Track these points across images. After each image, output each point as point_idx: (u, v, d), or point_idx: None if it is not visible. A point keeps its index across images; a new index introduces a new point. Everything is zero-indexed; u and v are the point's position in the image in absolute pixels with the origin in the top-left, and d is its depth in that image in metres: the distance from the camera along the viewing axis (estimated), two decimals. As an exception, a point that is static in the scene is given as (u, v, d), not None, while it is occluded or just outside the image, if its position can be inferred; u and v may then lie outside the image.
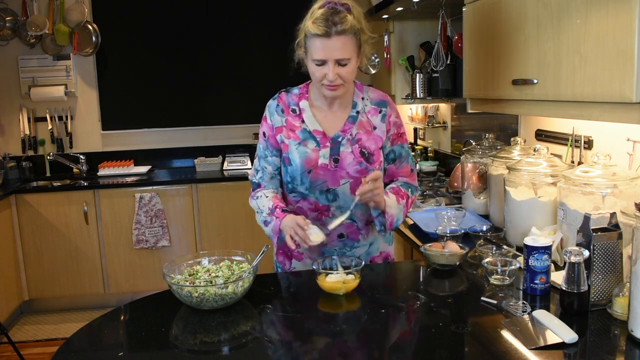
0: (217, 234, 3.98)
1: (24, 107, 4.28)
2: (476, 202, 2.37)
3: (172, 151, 4.52)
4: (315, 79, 1.64)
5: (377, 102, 1.75)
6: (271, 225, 1.69)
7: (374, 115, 1.73)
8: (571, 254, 1.29)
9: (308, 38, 1.59)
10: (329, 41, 1.56)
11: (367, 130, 1.70)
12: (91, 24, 4.19)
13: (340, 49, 1.56)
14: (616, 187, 1.51)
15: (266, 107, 1.81)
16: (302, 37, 1.63)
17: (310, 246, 1.63)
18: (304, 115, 1.72)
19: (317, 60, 1.58)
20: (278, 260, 1.85)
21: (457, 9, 2.37)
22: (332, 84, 1.60)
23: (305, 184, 1.69)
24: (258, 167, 1.81)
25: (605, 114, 1.43)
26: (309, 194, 1.70)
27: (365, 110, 1.73)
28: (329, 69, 1.58)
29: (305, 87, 1.77)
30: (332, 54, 1.57)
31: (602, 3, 1.38)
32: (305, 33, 1.61)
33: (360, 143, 1.69)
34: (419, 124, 3.89)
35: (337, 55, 1.57)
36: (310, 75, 1.66)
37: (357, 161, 1.67)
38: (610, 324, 1.28)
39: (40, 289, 3.86)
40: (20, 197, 3.77)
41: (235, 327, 1.34)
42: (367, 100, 1.74)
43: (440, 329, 1.30)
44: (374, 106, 1.74)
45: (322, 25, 1.55)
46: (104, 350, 1.30)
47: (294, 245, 1.59)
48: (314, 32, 1.56)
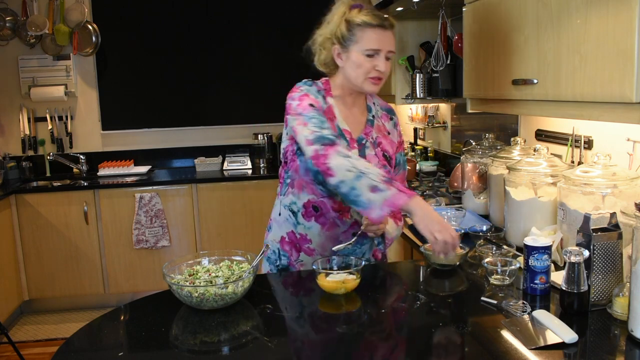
0: (217, 234, 3.98)
1: (24, 107, 4.28)
2: (476, 202, 2.37)
3: (172, 151, 4.52)
4: (360, 72, 1.60)
5: (386, 109, 1.80)
6: (384, 193, 1.40)
7: (386, 121, 1.77)
8: (571, 254, 1.29)
9: (358, 29, 1.58)
10: (384, 32, 1.59)
11: (384, 135, 1.74)
12: (91, 24, 4.19)
13: (392, 41, 1.62)
14: (616, 187, 1.51)
15: (298, 88, 1.65)
16: (342, 31, 1.60)
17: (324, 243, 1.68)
18: (335, 111, 1.67)
19: (371, 50, 1.58)
20: (283, 249, 1.74)
21: (457, 9, 2.37)
22: (379, 77, 1.61)
23: None
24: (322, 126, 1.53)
25: (605, 114, 1.43)
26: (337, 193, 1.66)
27: (378, 115, 1.76)
28: (381, 60, 1.59)
29: (326, 83, 1.71)
30: (386, 45, 1.60)
31: (602, 3, 1.38)
32: (350, 25, 1.59)
33: (382, 146, 1.70)
34: (419, 124, 3.89)
35: (390, 47, 1.60)
36: (351, 70, 1.61)
37: (381, 164, 1.67)
38: (610, 324, 1.28)
39: (40, 289, 3.87)
40: (20, 197, 3.77)
41: (235, 327, 1.34)
42: (377, 106, 1.78)
43: (440, 329, 1.30)
44: (384, 112, 1.78)
45: (376, 17, 1.59)
46: (104, 350, 1.30)
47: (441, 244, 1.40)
48: (369, 22, 1.58)
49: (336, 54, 1.64)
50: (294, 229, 1.72)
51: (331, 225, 1.68)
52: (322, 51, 1.68)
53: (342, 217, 1.68)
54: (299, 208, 1.69)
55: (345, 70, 1.64)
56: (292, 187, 1.69)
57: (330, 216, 1.67)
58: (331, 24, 1.65)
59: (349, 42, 1.60)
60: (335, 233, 1.69)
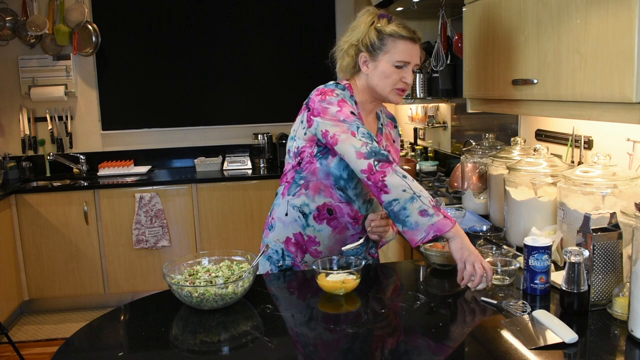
0: (217, 234, 3.98)
1: (24, 107, 4.28)
2: (476, 202, 2.37)
3: (172, 151, 4.52)
4: (388, 82, 1.61)
5: (390, 117, 1.82)
6: (432, 219, 1.45)
7: (391, 129, 1.80)
8: (571, 254, 1.29)
9: (390, 39, 1.59)
10: (414, 46, 1.62)
11: (391, 143, 1.77)
12: (91, 24, 4.19)
13: (419, 55, 1.64)
14: (616, 187, 1.51)
15: (333, 92, 1.61)
16: (371, 39, 1.60)
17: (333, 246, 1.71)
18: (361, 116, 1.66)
19: (401, 61, 1.59)
20: (288, 249, 1.73)
21: (457, 9, 2.37)
22: (404, 88, 1.63)
23: (358, 189, 1.67)
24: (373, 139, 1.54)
25: (605, 114, 1.43)
26: (355, 200, 1.67)
27: (385, 124, 1.78)
28: (409, 72, 1.61)
29: (350, 87, 1.67)
30: (415, 58, 1.62)
31: (602, 3, 1.38)
32: (381, 34, 1.60)
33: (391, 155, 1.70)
34: (419, 124, 3.89)
35: (417, 60, 1.63)
36: (378, 79, 1.61)
37: None
38: (610, 324, 1.28)
39: (40, 289, 3.87)
40: (20, 197, 3.77)
41: (235, 327, 1.34)
42: (383, 114, 1.80)
43: (440, 329, 1.30)
44: (389, 120, 1.81)
45: (408, 29, 1.61)
46: (104, 350, 1.29)
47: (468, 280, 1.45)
48: (402, 34, 1.59)
49: (362, 61, 1.64)
50: (302, 231, 1.71)
51: (342, 229, 1.69)
52: (346, 57, 1.67)
53: (356, 224, 1.71)
54: (312, 210, 1.68)
55: (372, 79, 1.64)
56: (306, 188, 1.67)
57: (344, 221, 1.68)
58: (357, 31, 1.64)
59: (379, 51, 1.61)
60: (345, 236, 1.71)
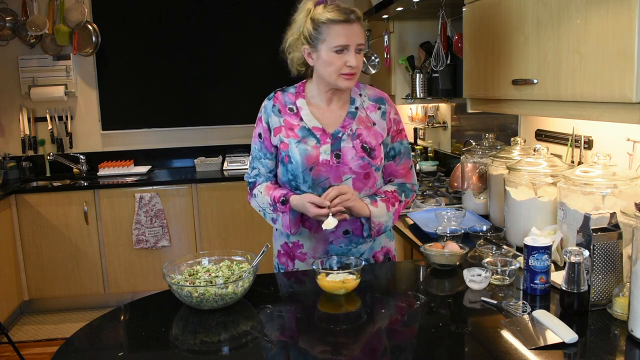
0: (217, 234, 3.98)
1: (24, 107, 4.28)
2: (476, 202, 2.37)
3: (172, 151, 4.52)
4: (332, 69, 1.61)
5: (375, 99, 1.76)
6: (280, 221, 1.70)
7: (373, 111, 1.74)
8: (571, 254, 1.29)
9: (324, 27, 1.58)
10: (351, 27, 1.58)
11: (367, 126, 1.71)
12: (91, 24, 4.19)
13: (359, 34, 1.60)
14: (616, 187, 1.51)
15: (262, 108, 1.79)
16: (308, 30, 1.61)
17: (316, 245, 1.72)
18: (302, 113, 1.71)
19: (340, 46, 1.58)
20: (280, 262, 1.83)
21: (457, 9, 2.37)
22: (351, 72, 1.61)
23: (308, 182, 1.68)
24: (253, 166, 1.81)
25: (605, 114, 1.43)
26: (312, 192, 1.69)
27: (363, 107, 1.74)
28: (351, 55, 1.59)
29: (301, 85, 1.76)
30: (354, 39, 1.59)
31: (602, 3, 1.38)
32: (316, 23, 1.60)
33: (361, 138, 1.68)
34: (419, 124, 3.89)
35: (358, 40, 1.60)
36: (323, 68, 1.63)
37: (359, 156, 1.67)
38: (610, 324, 1.28)
39: (40, 289, 3.86)
40: (20, 197, 3.77)
41: (235, 327, 1.34)
42: (365, 97, 1.75)
43: (440, 329, 1.30)
44: (372, 103, 1.75)
45: (341, 12, 1.58)
46: (104, 350, 1.30)
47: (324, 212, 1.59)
48: (334, 19, 1.57)
49: (306, 53, 1.65)
50: (287, 239, 1.79)
51: (317, 228, 1.70)
52: (294, 53, 1.69)
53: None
54: None
55: (318, 69, 1.65)
56: None
57: (313, 219, 1.68)
58: (298, 24, 1.65)
59: (317, 41, 1.60)
60: (324, 234, 1.73)
